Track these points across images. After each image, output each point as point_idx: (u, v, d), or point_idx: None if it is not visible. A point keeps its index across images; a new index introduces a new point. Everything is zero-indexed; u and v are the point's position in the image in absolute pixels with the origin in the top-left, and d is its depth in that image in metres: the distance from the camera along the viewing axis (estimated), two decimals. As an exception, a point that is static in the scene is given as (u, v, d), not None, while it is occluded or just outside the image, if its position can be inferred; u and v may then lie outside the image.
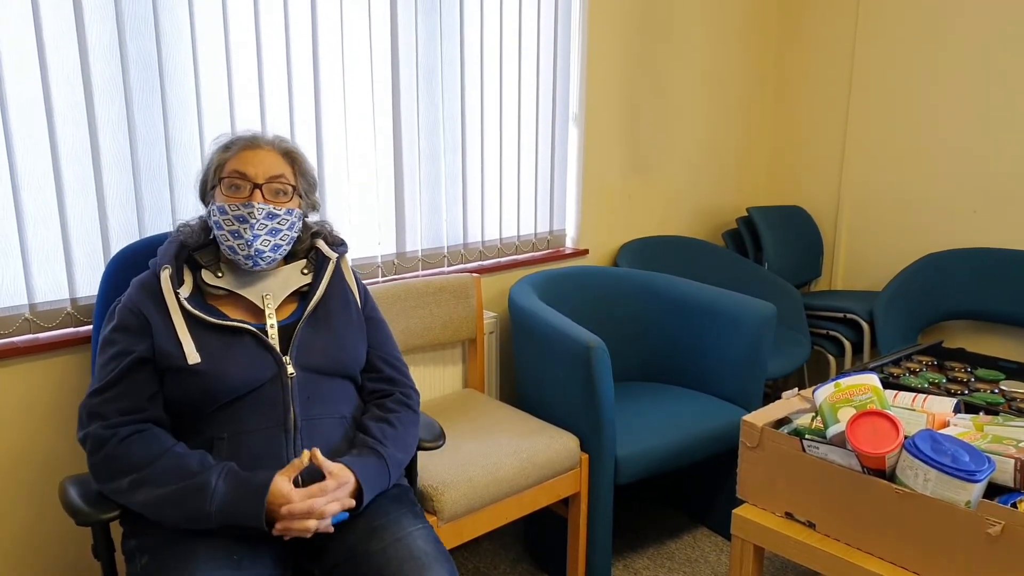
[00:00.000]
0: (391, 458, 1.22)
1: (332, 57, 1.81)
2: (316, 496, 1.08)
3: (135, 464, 1.10)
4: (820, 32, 3.04)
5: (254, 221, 1.19)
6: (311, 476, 1.14)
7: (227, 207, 1.19)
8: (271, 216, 1.21)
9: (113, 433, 1.11)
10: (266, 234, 1.21)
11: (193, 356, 1.14)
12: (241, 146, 1.24)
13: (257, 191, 1.20)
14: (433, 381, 2.05)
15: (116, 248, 1.54)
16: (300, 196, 1.28)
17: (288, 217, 1.24)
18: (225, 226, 1.20)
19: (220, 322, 1.18)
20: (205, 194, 1.28)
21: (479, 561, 2.02)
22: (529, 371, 1.95)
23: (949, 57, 2.71)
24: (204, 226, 1.28)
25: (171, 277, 1.19)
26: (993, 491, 1.24)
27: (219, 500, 1.06)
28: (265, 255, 1.22)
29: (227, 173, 1.21)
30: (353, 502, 1.14)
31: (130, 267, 1.36)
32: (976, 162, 2.69)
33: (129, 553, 1.15)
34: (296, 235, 1.28)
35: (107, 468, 1.11)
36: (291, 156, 1.28)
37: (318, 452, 1.13)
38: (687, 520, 2.23)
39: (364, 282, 1.42)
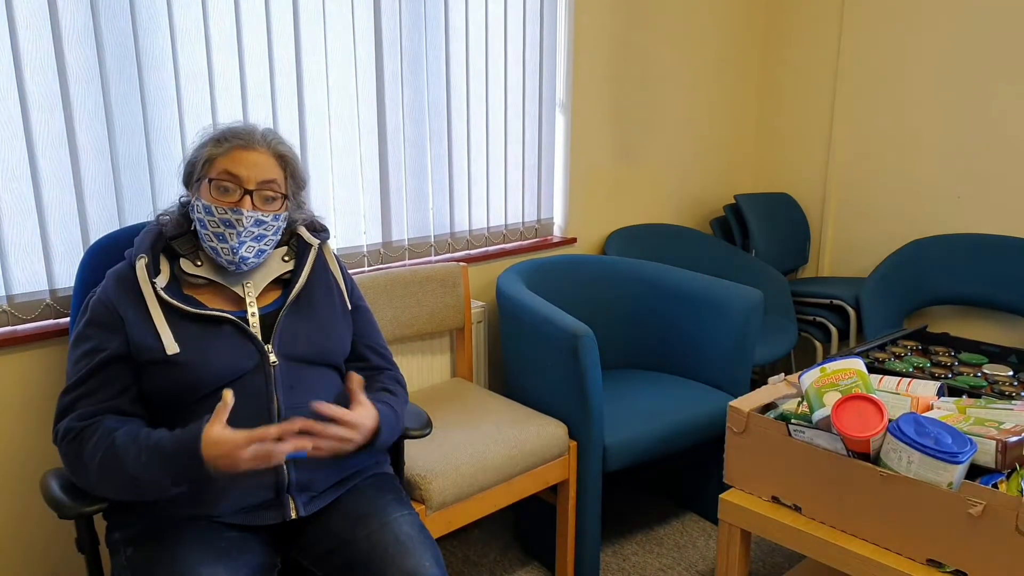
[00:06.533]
0: (399, 415, 1.26)
1: (314, 43, 1.78)
2: (257, 439, 1.02)
3: (94, 452, 1.07)
4: (806, 20, 3.04)
5: (241, 229, 1.16)
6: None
7: (214, 208, 1.16)
8: (259, 223, 1.18)
9: (85, 424, 1.09)
10: (251, 240, 1.18)
11: (172, 347, 1.12)
12: (235, 145, 1.19)
13: (247, 197, 1.17)
14: (421, 371, 2.04)
15: (96, 238, 1.51)
16: (288, 198, 1.25)
17: (275, 223, 1.21)
18: (210, 227, 1.17)
19: (199, 311, 1.16)
20: (190, 182, 1.24)
21: (468, 549, 2.03)
22: (517, 360, 1.95)
23: (933, 45, 2.71)
24: (184, 213, 1.25)
25: (147, 267, 1.17)
26: (975, 472, 1.25)
27: (157, 471, 1.03)
28: (249, 261, 1.20)
29: (217, 173, 1.17)
30: (359, 439, 1.14)
31: (107, 257, 1.33)
32: (960, 149, 2.70)
33: (113, 545, 1.14)
34: (279, 237, 1.26)
35: (75, 458, 1.08)
36: (284, 159, 1.24)
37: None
38: (675, 506, 2.25)
39: (349, 272, 1.41)
